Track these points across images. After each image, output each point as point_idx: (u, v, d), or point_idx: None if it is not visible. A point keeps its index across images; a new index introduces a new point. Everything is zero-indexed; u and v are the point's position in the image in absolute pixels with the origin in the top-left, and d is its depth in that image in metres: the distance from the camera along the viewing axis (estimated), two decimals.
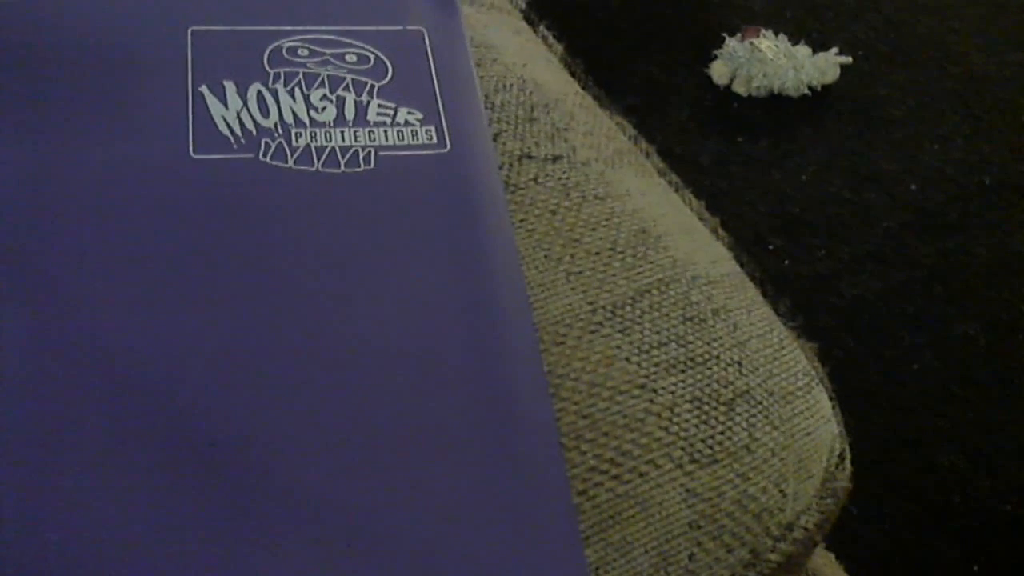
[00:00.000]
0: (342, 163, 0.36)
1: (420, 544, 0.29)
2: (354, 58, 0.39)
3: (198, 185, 0.34)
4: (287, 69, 0.38)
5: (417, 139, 0.37)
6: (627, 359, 0.36)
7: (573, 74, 0.47)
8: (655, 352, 0.36)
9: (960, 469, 1.00)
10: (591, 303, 0.37)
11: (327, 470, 0.29)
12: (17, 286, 0.31)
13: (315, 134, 0.36)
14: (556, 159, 0.41)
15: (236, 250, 0.33)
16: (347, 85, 0.38)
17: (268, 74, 0.38)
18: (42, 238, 0.32)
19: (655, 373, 0.36)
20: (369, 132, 0.37)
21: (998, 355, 1.09)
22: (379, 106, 0.38)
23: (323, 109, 0.37)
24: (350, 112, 0.37)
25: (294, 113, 0.37)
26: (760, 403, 0.37)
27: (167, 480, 0.29)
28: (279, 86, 0.37)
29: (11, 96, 0.35)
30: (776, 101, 1.32)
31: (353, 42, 0.39)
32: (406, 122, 0.37)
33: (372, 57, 0.39)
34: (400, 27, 0.40)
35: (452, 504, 0.30)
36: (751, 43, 1.32)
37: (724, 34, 1.36)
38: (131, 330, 0.31)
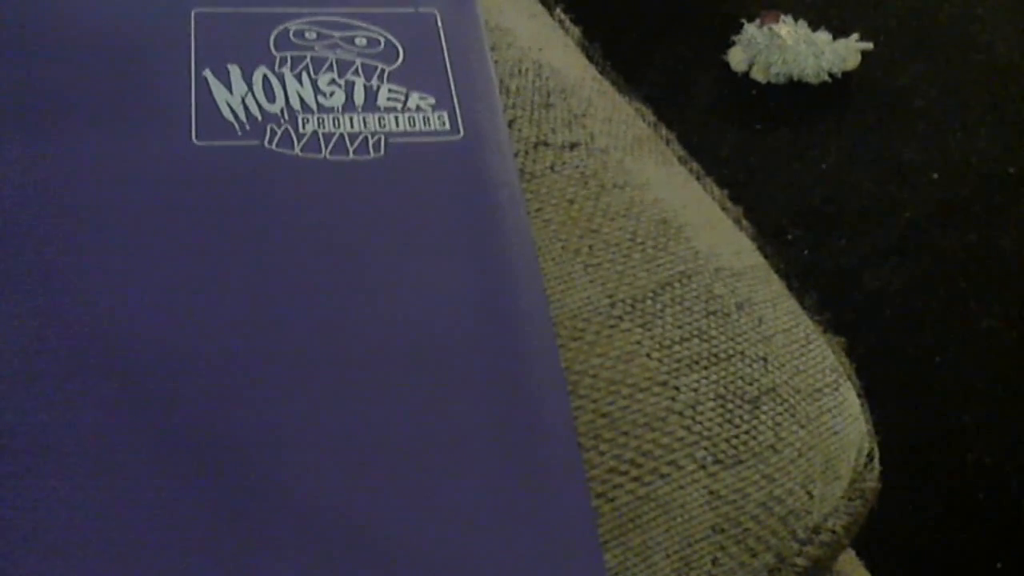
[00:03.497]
0: (351, 150, 0.35)
1: (429, 547, 0.28)
2: (364, 41, 0.38)
3: (201, 173, 0.33)
4: (294, 53, 0.37)
5: (429, 125, 0.36)
6: (648, 355, 0.35)
7: (591, 59, 0.46)
8: (677, 347, 0.35)
9: (986, 465, 0.99)
10: (610, 296, 0.36)
11: (334, 470, 0.28)
12: (15, 278, 0.30)
13: (323, 120, 0.35)
14: (573, 146, 0.39)
15: (240, 241, 0.32)
16: (356, 69, 0.37)
17: (274, 58, 0.37)
18: (40, 228, 0.31)
19: (677, 369, 0.34)
20: (379, 118, 0.36)
21: None
22: (390, 91, 0.37)
23: (331, 94, 0.36)
24: (359, 97, 0.36)
25: (301, 98, 0.36)
26: (786, 401, 0.35)
27: (167, 482, 0.28)
28: (286, 70, 0.36)
29: (9, 82, 0.34)
30: (795, 88, 1.30)
31: (363, 24, 0.38)
32: (418, 107, 0.36)
33: (383, 40, 0.38)
34: (412, 9, 0.39)
35: (464, 507, 0.29)
36: (770, 28, 1.30)
37: (743, 20, 1.34)
38: (131, 324, 0.30)
